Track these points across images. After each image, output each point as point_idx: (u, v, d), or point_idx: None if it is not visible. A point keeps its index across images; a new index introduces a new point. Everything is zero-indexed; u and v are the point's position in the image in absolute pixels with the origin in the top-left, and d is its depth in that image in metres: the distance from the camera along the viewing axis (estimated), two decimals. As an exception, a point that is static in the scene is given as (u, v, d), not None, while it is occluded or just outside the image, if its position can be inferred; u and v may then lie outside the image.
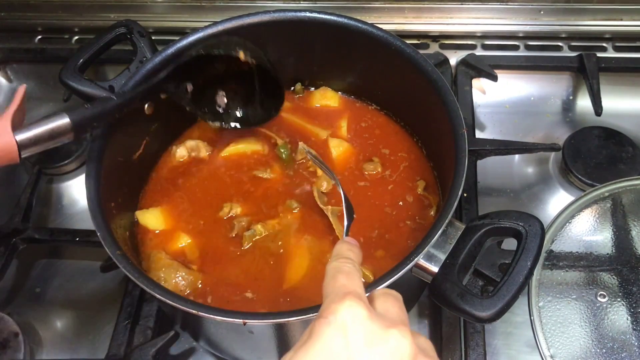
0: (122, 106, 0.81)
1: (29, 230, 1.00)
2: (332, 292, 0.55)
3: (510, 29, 1.25)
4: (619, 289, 0.86)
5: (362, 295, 0.54)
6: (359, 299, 0.53)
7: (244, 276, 0.85)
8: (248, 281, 0.85)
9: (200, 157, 0.98)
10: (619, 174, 1.01)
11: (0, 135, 0.69)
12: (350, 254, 0.62)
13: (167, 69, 0.85)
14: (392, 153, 0.97)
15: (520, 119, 1.17)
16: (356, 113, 1.02)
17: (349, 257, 0.61)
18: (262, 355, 0.85)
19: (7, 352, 0.90)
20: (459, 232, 0.75)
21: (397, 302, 0.58)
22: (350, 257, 0.61)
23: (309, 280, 0.84)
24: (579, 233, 0.91)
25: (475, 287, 0.90)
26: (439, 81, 0.85)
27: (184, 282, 0.84)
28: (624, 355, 0.81)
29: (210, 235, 0.89)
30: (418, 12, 1.25)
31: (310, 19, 0.92)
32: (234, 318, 0.68)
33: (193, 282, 0.84)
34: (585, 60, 1.17)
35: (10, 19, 1.30)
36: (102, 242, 0.74)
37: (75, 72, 0.90)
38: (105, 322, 0.95)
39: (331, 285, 0.56)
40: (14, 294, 1.00)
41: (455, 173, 0.77)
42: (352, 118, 1.01)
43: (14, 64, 1.28)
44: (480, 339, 0.87)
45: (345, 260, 0.60)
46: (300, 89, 1.05)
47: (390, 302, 0.57)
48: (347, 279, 0.56)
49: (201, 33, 0.91)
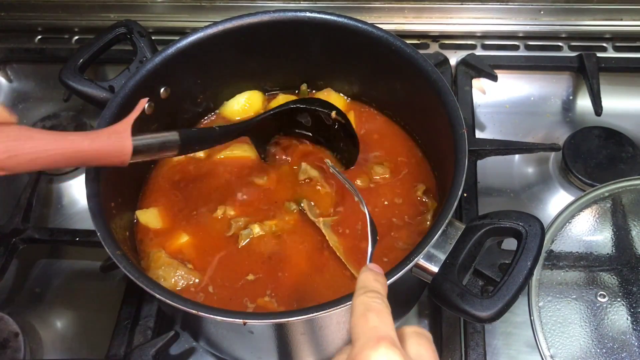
0: (225, 136, 0.89)
1: (29, 230, 1.00)
2: (363, 336, 0.52)
3: (510, 29, 1.25)
4: (619, 289, 0.86)
5: (395, 341, 0.52)
6: (394, 345, 0.51)
7: (241, 274, 0.85)
8: (245, 279, 0.85)
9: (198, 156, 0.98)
10: (619, 174, 1.00)
11: (121, 138, 0.72)
12: (377, 286, 0.59)
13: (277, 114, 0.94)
14: (392, 153, 0.97)
15: (520, 119, 1.17)
16: (357, 114, 1.02)
17: (377, 289, 0.58)
18: (262, 355, 0.85)
19: (7, 352, 0.90)
20: (459, 232, 0.75)
21: (430, 345, 0.56)
22: (378, 291, 0.58)
23: (307, 279, 0.84)
24: (579, 233, 0.91)
25: (475, 287, 0.90)
26: (439, 81, 0.85)
27: (183, 281, 0.84)
28: (624, 355, 0.81)
29: (208, 234, 0.89)
30: (418, 12, 1.25)
31: (310, 19, 0.92)
32: (234, 318, 0.68)
33: (192, 280, 0.84)
34: (585, 60, 1.17)
35: (10, 19, 1.30)
36: (102, 242, 0.74)
37: (75, 72, 0.91)
38: (105, 322, 0.94)
39: (361, 326, 0.53)
40: (14, 294, 1.01)
41: (455, 173, 0.77)
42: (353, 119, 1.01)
43: (14, 64, 1.28)
44: (480, 339, 0.87)
45: (373, 295, 0.57)
46: (306, 90, 1.05)
47: (423, 345, 0.55)
48: (378, 320, 0.54)
49: (201, 33, 0.91)
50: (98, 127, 0.82)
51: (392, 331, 0.53)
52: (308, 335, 0.77)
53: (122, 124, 0.73)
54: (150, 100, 0.89)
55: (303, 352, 0.81)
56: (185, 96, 0.98)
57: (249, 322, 0.68)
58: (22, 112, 1.23)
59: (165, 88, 0.92)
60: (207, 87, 1.00)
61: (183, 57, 0.91)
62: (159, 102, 0.92)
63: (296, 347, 0.79)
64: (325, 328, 0.76)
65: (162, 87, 0.92)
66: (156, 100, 0.91)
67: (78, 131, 0.73)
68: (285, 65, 1.01)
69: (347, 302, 0.67)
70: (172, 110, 0.95)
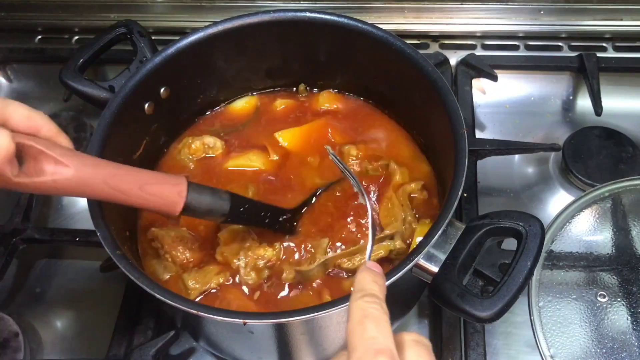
0: (264, 223, 0.83)
1: (29, 230, 1.00)
2: (360, 347, 0.50)
3: (510, 29, 1.25)
4: (619, 289, 0.86)
5: (394, 354, 0.50)
6: (392, 359, 0.49)
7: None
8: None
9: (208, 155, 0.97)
10: (619, 174, 1.01)
11: (178, 193, 0.72)
12: (375, 289, 0.56)
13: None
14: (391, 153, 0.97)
15: (520, 119, 1.17)
16: (357, 113, 1.02)
17: (375, 293, 0.55)
18: (262, 355, 0.85)
19: (7, 352, 0.90)
20: (459, 232, 0.75)
21: (429, 355, 0.53)
22: (376, 294, 0.55)
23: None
24: (579, 233, 0.91)
25: (475, 287, 0.90)
26: (439, 81, 0.85)
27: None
28: (624, 355, 0.81)
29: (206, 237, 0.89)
30: (418, 12, 1.25)
31: (310, 19, 0.92)
32: (234, 318, 0.68)
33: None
34: (585, 60, 1.17)
35: (10, 19, 1.30)
36: (102, 242, 0.74)
37: (75, 72, 0.91)
38: (105, 322, 0.94)
39: (359, 335, 0.51)
40: (14, 294, 1.00)
41: (455, 173, 0.77)
42: (353, 118, 1.01)
43: (14, 64, 1.28)
44: (480, 339, 0.87)
45: (371, 299, 0.54)
46: (304, 89, 1.05)
47: (423, 356, 0.53)
48: (376, 329, 0.51)
49: (201, 33, 0.91)
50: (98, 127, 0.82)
51: (391, 342, 0.51)
52: (308, 335, 0.77)
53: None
54: (151, 100, 0.89)
55: (303, 352, 0.81)
56: (185, 96, 0.98)
57: (249, 322, 0.68)
58: (22, 112, 1.23)
59: (165, 88, 0.92)
60: (207, 87, 1.00)
61: (183, 57, 0.91)
62: (159, 102, 0.92)
63: (296, 347, 0.79)
64: (325, 328, 0.76)
65: (162, 87, 0.92)
66: (156, 100, 0.91)
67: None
68: (285, 66, 1.01)
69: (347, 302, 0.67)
70: (172, 110, 0.95)
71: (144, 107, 0.90)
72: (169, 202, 0.72)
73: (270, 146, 0.97)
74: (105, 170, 0.67)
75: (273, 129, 0.99)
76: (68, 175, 0.62)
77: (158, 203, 0.71)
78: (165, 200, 0.71)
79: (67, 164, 0.62)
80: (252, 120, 1.02)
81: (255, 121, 1.02)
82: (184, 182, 0.73)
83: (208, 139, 0.97)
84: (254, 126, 1.01)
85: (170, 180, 0.73)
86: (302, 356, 0.82)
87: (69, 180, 0.63)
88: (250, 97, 1.05)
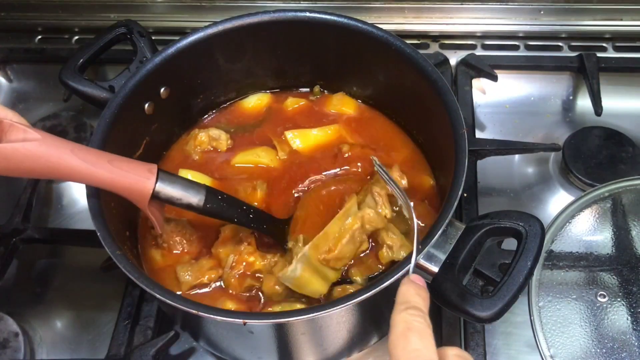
0: (250, 225, 0.82)
1: (29, 230, 1.00)
2: (403, 359, 0.51)
3: (510, 29, 1.25)
4: (619, 289, 0.86)
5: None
6: None
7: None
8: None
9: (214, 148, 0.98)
10: (619, 174, 1.01)
11: (148, 170, 0.73)
12: (418, 301, 0.56)
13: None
14: (391, 153, 0.97)
15: (520, 119, 1.17)
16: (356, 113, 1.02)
17: (419, 306, 0.56)
18: (262, 355, 0.85)
19: (7, 352, 0.90)
20: (459, 232, 0.75)
21: None
22: (420, 307, 0.56)
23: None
24: (579, 233, 0.91)
25: (475, 287, 0.90)
26: (439, 81, 0.85)
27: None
28: (624, 355, 0.81)
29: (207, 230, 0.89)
30: (418, 12, 1.25)
31: (310, 19, 0.92)
32: (234, 318, 0.68)
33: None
34: (585, 60, 1.17)
35: (10, 19, 1.30)
36: (102, 242, 0.74)
37: (75, 72, 0.91)
38: (105, 322, 0.95)
39: (401, 348, 0.52)
40: (14, 294, 1.00)
41: (455, 173, 0.77)
42: (354, 118, 1.01)
43: (14, 64, 1.28)
44: (480, 339, 0.87)
45: (415, 312, 0.55)
46: (318, 91, 1.04)
47: None
48: (420, 342, 0.52)
49: (201, 33, 0.91)
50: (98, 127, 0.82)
51: (435, 356, 0.51)
52: (308, 335, 0.77)
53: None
54: (151, 100, 0.89)
55: (303, 352, 0.81)
56: (185, 96, 0.98)
57: (249, 322, 0.68)
58: (22, 112, 1.18)
59: (165, 88, 0.92)
60: (207, 87, 1.00)
61: (183, 57, 0.91)
62: (159, 102, 0.92)
63: (296, 347, 0.79)
64: (325, 328, 0.76)
65: (162, 87, 0.92)
66: (156, 100, 0.91)
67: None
68: (284, 66, 1.01)
69: (347, 302, 0.67)
70: (172, 110, 0.95)
71: (144, 107, 0.90)
72: (140, 178, 0.72)
73: (279, 144, 0.97)
74: (74, 144, 0.69)
75: (283, 128, 0.99)
76: (36, 142, 0.67)
77: (128, 179, 0.71)
78: (136, 176, 0.72)
79: (35, 133, 0.68)
80: (261, 119, 1.02)
81: (265, 120, 1.02)
82: (154, 165, 0.74)
83: (213, 131, 0.98)
84: (262, 124, 1.01)
85: (141, 162, 0.74)
86: (302, 356, 0.83)
87: (38, 147, 0.67)
88: (257, 96, 1.05)
